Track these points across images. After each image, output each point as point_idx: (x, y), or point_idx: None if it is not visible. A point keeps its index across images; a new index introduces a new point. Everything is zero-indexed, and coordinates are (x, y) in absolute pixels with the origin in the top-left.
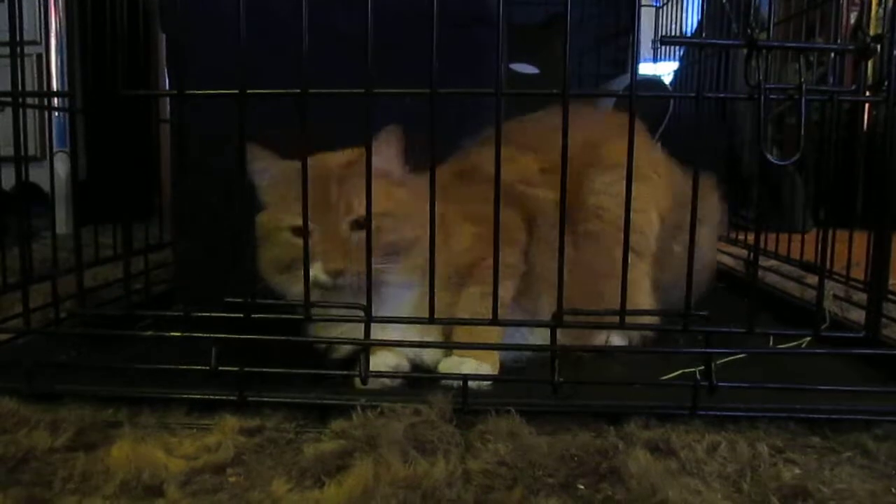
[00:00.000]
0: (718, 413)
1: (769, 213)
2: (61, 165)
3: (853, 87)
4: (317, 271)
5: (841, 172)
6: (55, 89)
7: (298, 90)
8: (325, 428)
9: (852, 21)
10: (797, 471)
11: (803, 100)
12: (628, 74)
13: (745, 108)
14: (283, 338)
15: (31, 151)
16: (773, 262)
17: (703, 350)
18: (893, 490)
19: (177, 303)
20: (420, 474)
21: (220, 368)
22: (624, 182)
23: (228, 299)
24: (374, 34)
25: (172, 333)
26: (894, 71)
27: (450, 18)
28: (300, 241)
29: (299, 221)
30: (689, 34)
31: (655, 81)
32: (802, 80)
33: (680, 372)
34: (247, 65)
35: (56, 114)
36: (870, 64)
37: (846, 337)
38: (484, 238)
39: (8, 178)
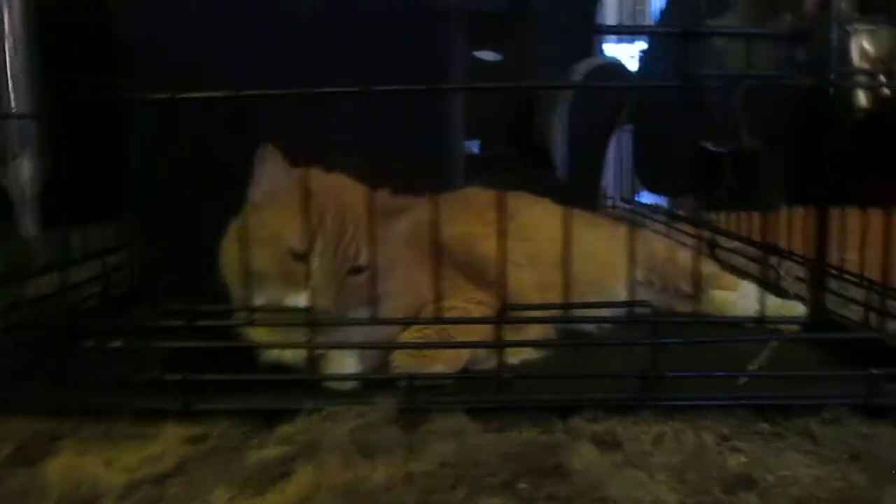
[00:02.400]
0: (666, 403)
1: (741, 193)
2: (25, 168)
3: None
4: (301, 302)
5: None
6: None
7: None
8: (270, 434)
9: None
10: (743, 459)
11: (749, 84)
12: (590, 59)
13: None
14: (228, 344)
15: None
16: (737, 244)
17: (649, 342)
18: (838, 475)
19: (136, 306)
20: (360, 478)
21: (165, 378)
22: None
23: (170, 307)
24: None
25: (113, 344)
26: (827, 57)
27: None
28: (297, 267)
29: (299, 246)
30: (658, 15)
31: (615, 65)
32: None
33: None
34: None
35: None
36: None
37: (792, 321)
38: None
39: None
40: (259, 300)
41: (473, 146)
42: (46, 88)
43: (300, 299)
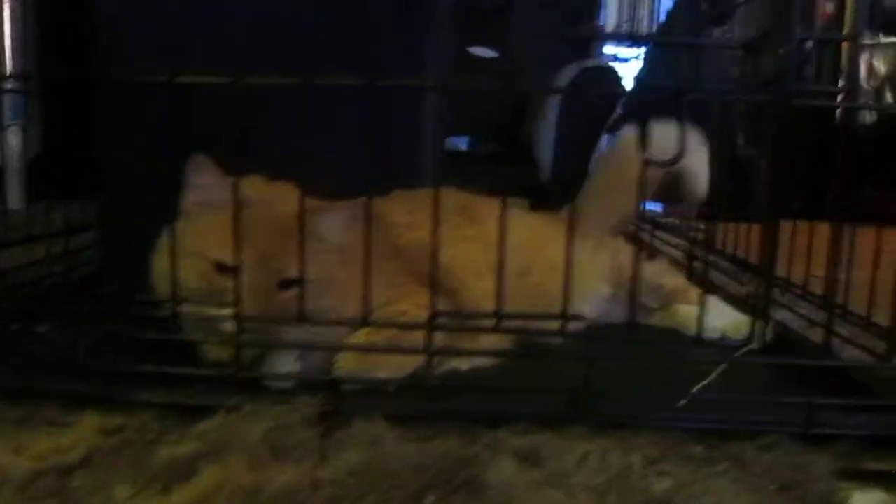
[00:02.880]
0: (597, 421)
1: (734, 203)
2: (14, 139)
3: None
4: (226, 318)
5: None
6: (7, 65)
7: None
8: (189, 430)
9: (827, 10)
10: (668, 483)
11: (682, 99)
12: (581, 61)
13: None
14: (157, 336)
15: None
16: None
17: (583, 358)
18: None
19: (101, 286)
20: (265, 481)
21: (90, 365)
22: None
23: (105, 294)
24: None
25: (39, 329)
26: (783, 71)
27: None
28: (221, 281)
29: (226, 258)
30: (662, 17)
31: (604, 68)
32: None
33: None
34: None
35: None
36: None
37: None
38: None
39: None
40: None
41: (462, 142)
42: (39, 63)
43: (225, 314)
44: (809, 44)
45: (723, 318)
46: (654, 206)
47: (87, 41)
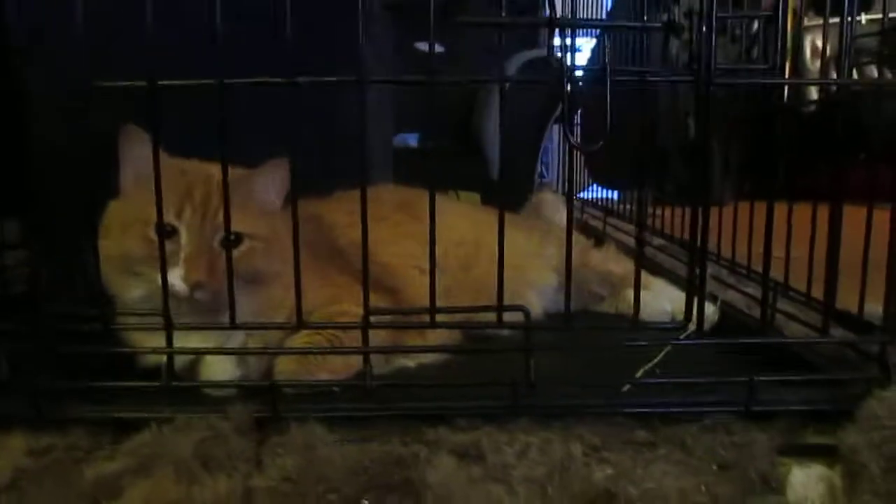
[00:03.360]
0: (538, 412)
1: (688, 187)
2: None
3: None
4: (175, 279)
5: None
6: None
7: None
8: (121, 445)
9: None
10: (609, 471)
11: (608, 81)
12: (524, 53)
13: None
14: (81, 349)
15: None
16: (663, 242)
17: (520, 348)
18: (703, 488)
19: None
20: (193, 496)
21: (15, 383)
22: None
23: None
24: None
25: None
26: (704, 51)
27: None
28: (167, 245)
29: (168, 218)
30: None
31: (546, 60)
32: (607, 60)
33: (652, 363)
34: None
35: None
36: None
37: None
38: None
39: None
40: (137, 289)
41: (412, 139)
42: None
43: (173, 276)
44: (756, 27)
45: (672, 302)
46: (609, 194)
47: (8, 53)
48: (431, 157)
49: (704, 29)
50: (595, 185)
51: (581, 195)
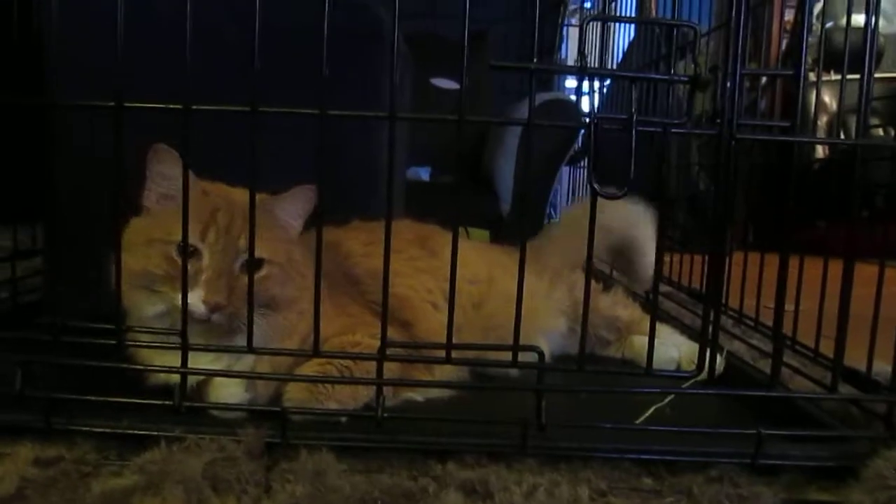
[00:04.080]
0: (545, 453)
1: (695, 235)
2: None
3: (685, 120)
4: (194, 300)
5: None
6: None
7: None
8: (129, 461)
9: (783, 48)
10: None
11: (633, 131)
12: (539, 95)
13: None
14: (94, 363)
15: None
16: (670, 289)
17: (533, 388)
18: None
19: (44, 313)
20: None
21: (28, 393)
22: None
23: (38, 321)
24: (262, 46)
25: None
26: (728, 103)
27: (337, 34)
28: (180, 261)
29: (192, 239)
30: (621, 53)
31: (565, 102)
32: (634, 110)
33: (653, 408)
34: (125, 72)
35: None
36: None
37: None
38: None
39: None
40: (154, 306)
41: (424, 173)
42: None
43: (193, 297)
44: (763, 81)
45: (678, 349)
46: None
47: (35, 68)
48: (453, 193)
49: (729, 84)
50: None
51: None
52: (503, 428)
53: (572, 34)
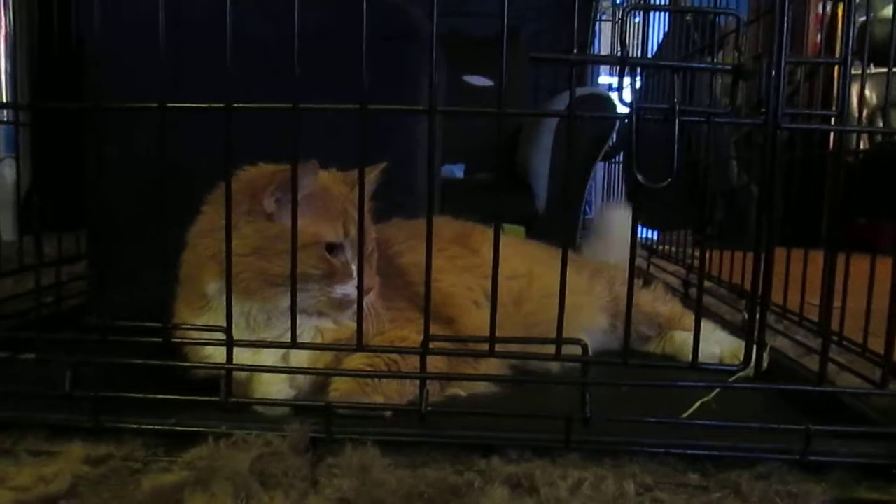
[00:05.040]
0: (591, 447)
1: (730, 231)
2: (8, 171)
3: (728, 109)
4: (349, 289)
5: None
6: (2, 95)
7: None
8: (178, 457)
9: (817, 41)
10: None
11: (677, 120)
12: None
13: (704, 126)
14: (140, 361)
15: None
16: (710, 284)
17: (577, 381)
18: None
19: (89, 315)
20: None
21: (77, 393)
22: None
23: (87, 321)
24: (299, 45)
25: (26, 356)
26: (773, 93)
27: (373, 33)
28: (332, 259)
29: (337, 238)
30: (655, 46)
31: (600, 97)
32: (676, 100)
33: (698, 403)
34: (168, 75)
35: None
36: None
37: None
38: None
39: None
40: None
41: (458, 170)
42: (31, 96)
43: (348, 287)
44: (801, 74)
45: (720, 345)
46: (650, 234)
47: (78, 73)
48: (493, 186)
49: (774, 72)
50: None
51: None
52: (546, 423)
53: (604, 30)
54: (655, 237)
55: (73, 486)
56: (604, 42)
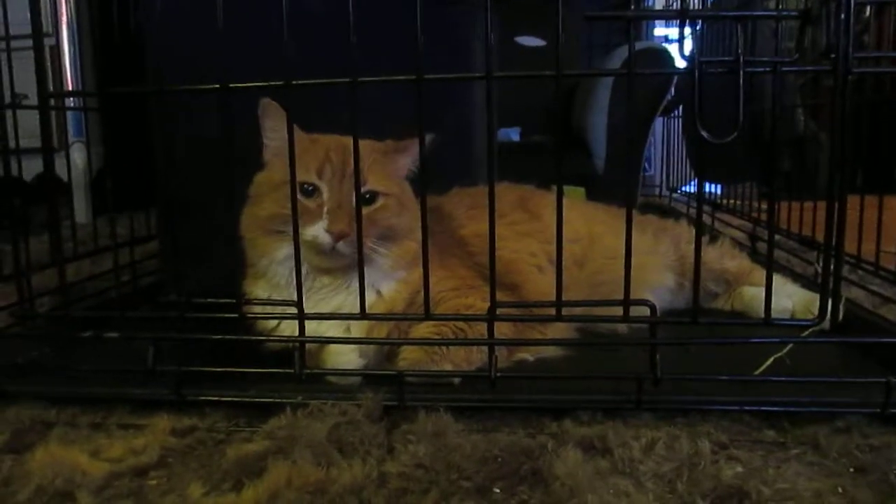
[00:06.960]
0: (663, 407)
1: (797, 182)
2: (78, 155)
3: (796, 57)
4: (318, 231)
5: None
6: (68, 82)
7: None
8: (258, 428)
9: None
10: (739, 469)
11: (741, 71)
12: (626, 47)
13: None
14: (219, 336)
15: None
16: (779, 237)
17: (646, 341)
18: (840, 490)
19: (164, 294)
20: (332, 478)
21: (159, 369)
22: None
23: (162, 299)
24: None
25: (109, 335)
26: (843, 39)
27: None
28: (305, 200)
29: (310, 178)
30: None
31: (657, 51)
32: (741, 50)
33: (771, 359)
34: (226, 57)
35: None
36: None
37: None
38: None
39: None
40: (281, 250)
41: (514, 133)
42: (96, 81)
43: (317, 229)
44: (867, 13)
45: (791, 298)
46: (713, 188)
47: (140, 59)
48: (554, 150)
49: (843, 16)
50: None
51: (684, 189)
52: (616, 384)
53: None
54: (719, 191)
55: (162, 456)
56: None
